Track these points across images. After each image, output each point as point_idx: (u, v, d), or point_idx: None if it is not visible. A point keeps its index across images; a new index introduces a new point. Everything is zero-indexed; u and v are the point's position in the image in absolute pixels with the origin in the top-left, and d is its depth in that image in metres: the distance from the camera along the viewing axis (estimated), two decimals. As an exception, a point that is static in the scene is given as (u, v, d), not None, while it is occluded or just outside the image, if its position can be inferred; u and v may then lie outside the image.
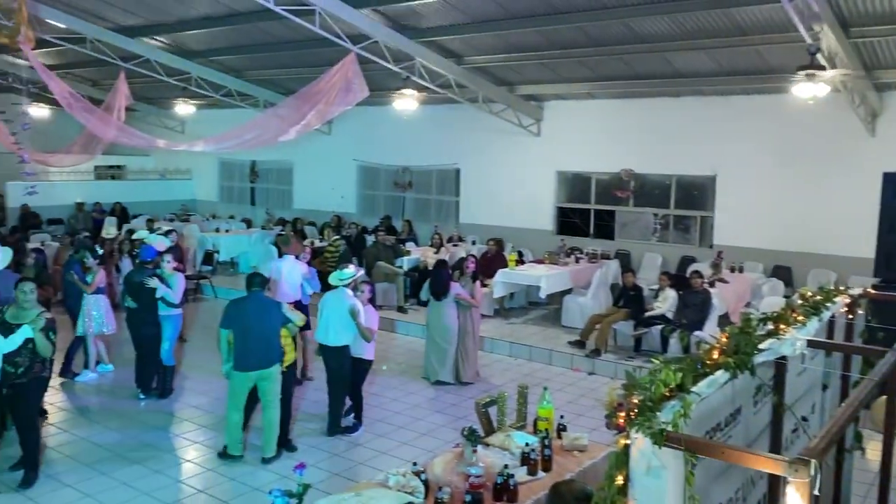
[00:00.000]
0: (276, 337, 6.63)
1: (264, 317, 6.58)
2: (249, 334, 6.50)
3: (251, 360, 6.50)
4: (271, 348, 6.58)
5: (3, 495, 5.96)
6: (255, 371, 6.53)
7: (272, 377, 6.60)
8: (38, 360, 6.06)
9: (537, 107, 14.77)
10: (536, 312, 12.45)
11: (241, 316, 6.58)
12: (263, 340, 6.53)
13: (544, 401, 5.44)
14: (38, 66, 10.16)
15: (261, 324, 6.53)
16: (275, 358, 6.60)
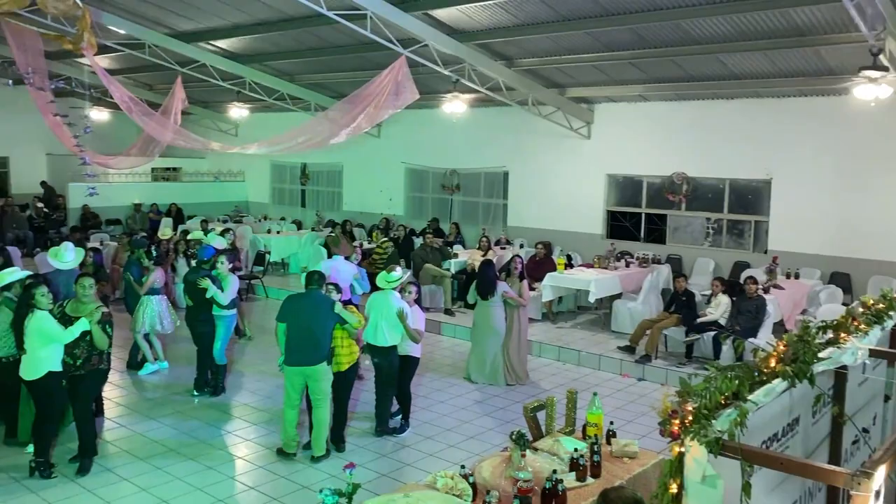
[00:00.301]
0: (324, 335, 6.68)
1: (315, 314, 6.66)
2: (299, 330, 6.62)
3: (297, 355, 6.62)
4: (318, 346, 6.63)
5: (62, 486, 6.15)
6: (301, 367, 6.62)
7: (318, 375, 6.66)
8: (96, 353, 6.27)
9: (588, 109, 14.64)
10: (585, 317, 12.33)
11: (294, 311, 6.73)
12: (311, 337, 6.60)
13: (594, 406, 5.38)
14: (100, 70, 10.48)
15: (311, 321, 6.62)
16: (320, 356, 6.63)
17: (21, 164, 21.56)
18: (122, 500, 5.98)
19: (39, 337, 6.06)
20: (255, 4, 12.23)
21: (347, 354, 6.95)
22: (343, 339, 6.90)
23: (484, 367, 9.04)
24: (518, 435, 4.67)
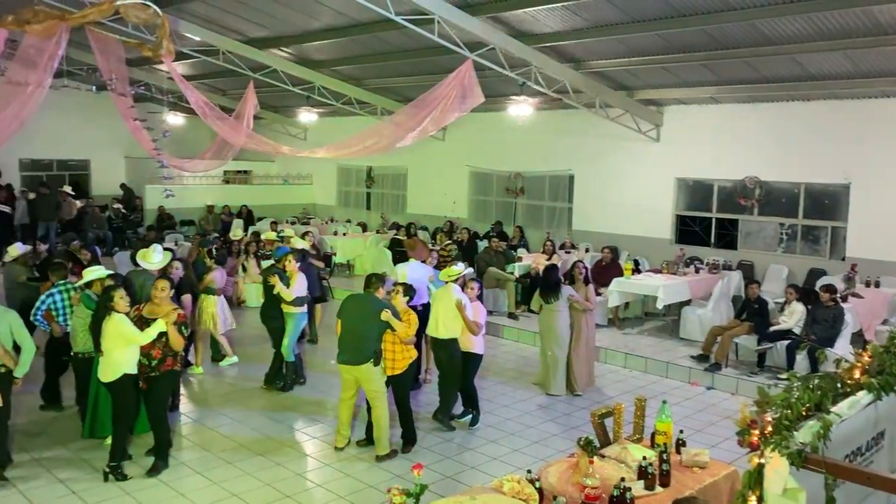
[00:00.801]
0: (367, 338, 6.73)
1: (362, 317, 6.78)
2: (347, 330, 6.82)
3: (344, 354, 6.82)
4: (361, 347, 6.72)
5: (138, 477, 6.38)
6: (347, 365, 6.79)
7: (365, 375, 6.76)
8: (171, 354, 6.44)
9: (657, 111, 14.39)
10: (652, 323, 12.11)
11: (346, 311, 6.95)
12: (356, 337, 6.74)
13: (663, 414, 5.27)
14: (178, 76, 10.85)
15: (359, 322, 6.76)
16: (363, 357, 6.71)
17: (101, 167, 22.50)
18: (195, 492, 6.17)
19: (116, 339, 6.17)
20: (324, 11, 12.47)
21: (402, 358, 6.96)
22: (395, 344, 6.92)
23: (553, 375, 8.94)
24: (586, 441, 4.62)
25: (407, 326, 6.85)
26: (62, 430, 7.39)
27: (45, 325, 7.63)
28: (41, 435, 7.27)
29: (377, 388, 6.83)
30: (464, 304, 7.45)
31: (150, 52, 9.97)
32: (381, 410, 6.85)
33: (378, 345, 6.80)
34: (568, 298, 8.79)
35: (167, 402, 6.78)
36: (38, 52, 9.04)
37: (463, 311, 7.42)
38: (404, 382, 7.12)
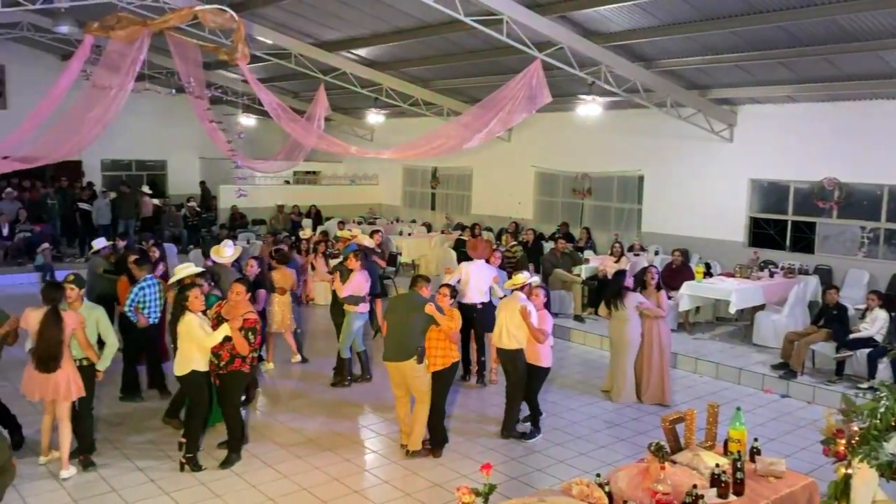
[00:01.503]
0: (413, 333, 6.77)
1: (408, 312, 6.88)
2: (393, 326, 6.94)
3: (388, 351, 6.93)
4: (402, 344, 6.79)
5: (210, 471, 6.56)
6: (391, 362, 6.88)
7: (409, 372, 6.79)
8: (239, 356, 6.54)
9: (730, 111, 14.00)
10: (724, 328, 11.79)
11: (393, 308, 7.14)
12: (401, 333, 6.82)
13: (737, 421, 5.14)
14: (252, 79, 11.10)
15: (404, 317, 6.87)
16: (408, 352, 6.74)
17: (177, 167, 23.32)
18: (266, 484, 6.32)
19: (186, 338, 6.44)
20: (393, 13, 12.60)
21: (442, 356, 6.91)
22: (438, 341, 6.90)
23: (617, 381, 8.78)
24: (657, 446, 4.54)
25: (449, 320, 6.86)
26: (141, 420, 7.69)
27: (135, 317, 8.05)
28: (121, 425, 7.57)
29: (420, 386, 6.85)
30: (529, 310, 7.31)
31: (225, 55, 10.22)
32: (423, 407, 6.90)
33: (422, 341, 6.81)
34: (637, 307, 8.54)
35: (237, 399, 6.91)
36: (122, 56, 9.37)
37: (528, 318, 7.27)
38: (444, 381, 7.03)
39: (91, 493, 6.08)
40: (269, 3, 12.55)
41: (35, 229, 16.27)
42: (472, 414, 8.24)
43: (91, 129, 9.53)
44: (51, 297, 6.21)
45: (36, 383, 6.18)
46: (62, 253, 16.77)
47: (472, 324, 9.11)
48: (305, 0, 12.42)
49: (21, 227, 16.14)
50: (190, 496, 6.08)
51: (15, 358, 7.18)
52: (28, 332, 6.23)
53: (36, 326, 6.09)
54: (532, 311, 7.35)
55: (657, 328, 8.68)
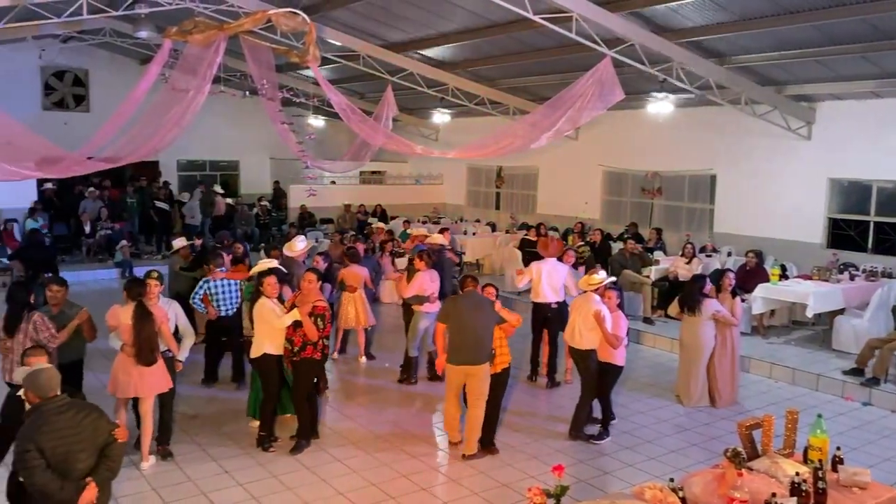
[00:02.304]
0: (487, 334, 6.75)
1: (477, 314, 6.75)
2: (464, 329, 6.73)
3: (461, 354, 6.73)
4: (482, 345, 6.71)
5: (284, 460, 6.72)
6: (465, 365, 6.72)
7: (481, 374, 6.72)
8: (310, 343, 6.72)
9: (808, 108, 13.51)
10: (800, 333, 11.38)
11: (456, 312, 6.85)
12: (476, 336, 6.70)
13: (818, 429, 4.95)
14: (322, 81, 11.31)
15: (476, 319, 6.72)
16: (485, 355, 6.72)
17: (249, 168, 23.93)
18: (336, 479, 6.41)
19: (259, 320, 6.80)
20: (461, 13, 12.62)
21: (503, 354, 6.95)
22: (501, 339, 6.92)
23: (688, 385, 8.57)
24: (734, 452, 4.41)
25: (517, 317, 6.91)
26: (217, 413, 7.92)
27: (203, 308, 8.43)
28: (196, 417, 7.81)
29: (485, 389, 6.77)
30: (603, 315, 7.18)
31: (297, 57, 10.44)
32: (480, 411, 6.79)
33: (491, 343, 6.80)
34: (713, 315, 8.28)
35: (307, 387, 7.00)
36: (198, 60, 9.69)
37: (602, 323, 7.16)
38: (503, 383, 7.04)
39: (168, 483, 6.29)
40: (339, 5, 12.75)
41: (115, 227, 16.96)
42: (541, 415, 8.18)
43: (169, 130, 9.88)
44: (136, 292, 6.49)
45: (132, 380, 6.40)
46: (140, 250, 17.44)
47: (546, 323, 9.05)
48: (374, 2, 12.57)
49: (102, 225, 16.83)
50: (262, 487, 6.22)
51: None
52: (118, 330, 6.44)
53: (128, 322, 6.33)
54: (606, 315, 7.22)
55: (730, 333, 8.48)
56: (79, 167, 10.27)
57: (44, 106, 20.44)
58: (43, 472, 3.77)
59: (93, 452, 4.01)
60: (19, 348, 5.99)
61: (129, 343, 6.34)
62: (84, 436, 3.96)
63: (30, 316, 6.15)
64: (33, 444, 3.79)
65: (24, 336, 6.06)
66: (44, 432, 3.84)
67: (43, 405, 3.93)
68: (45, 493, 3.83)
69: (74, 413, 4.00)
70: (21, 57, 18.94)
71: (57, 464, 3.84)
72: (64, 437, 3.88)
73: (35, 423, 3.87)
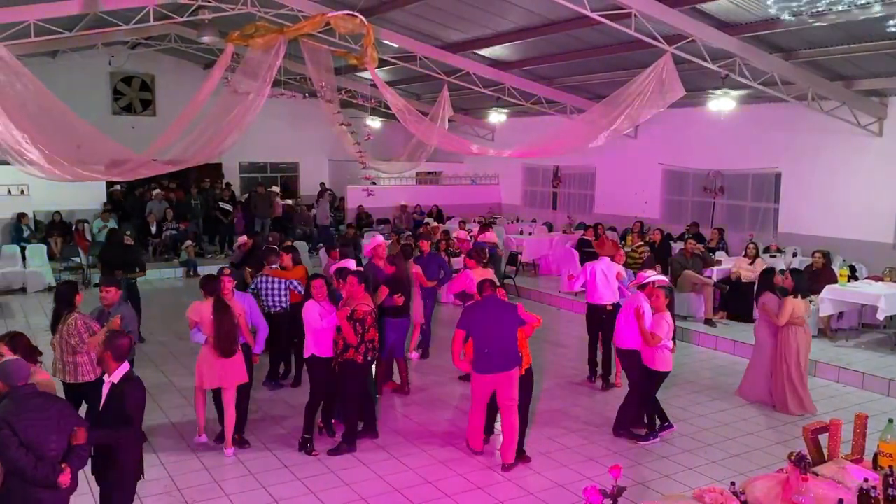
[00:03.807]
0: (512, 340, 6.56)
1: (500, 319, 6.57)
2: (489, 335, 6.53)
3: (491, 360, 6.52)
4: (510, 349, 6.54)
5: (340, 460, 6.78)
6: (495, 373, 6.53)
7: (511, 381, 6.55)
8: (351, 346, 6.72)
9: (880, 103, 12.98)
10: (870, 336, 10.96)
11: (479, 319, 6.62)
12: (503, 341, 6.52)
13: (889, 434, 4.76)
14: (380, 82, 11.42)
15: (500, 324, 6.54)
16: (516, 360, 6.56)
17: (308, 169, 24.34)
18: (392, 475, 6.47)
19: (305, 322, 6.92)
20: (518, 11, 12.57)
21: (526, 355, 6.79)
22: (521, 342, 6.73)
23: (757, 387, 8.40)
24: (798, 456, 4.28)
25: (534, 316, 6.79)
26: (278, 410, 8.08)
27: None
28: (257, 412, 7.97)
29: (516, 394, 6.59)
30: (642, 312, 7.15)
31: (355, 59, 10.56)
32: (515, 418, 6.60)
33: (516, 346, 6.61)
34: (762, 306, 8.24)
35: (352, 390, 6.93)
36: (259, 63, 9.89)
37: (641, 319, 7.13)
38: (526, 386, 6.82)
39: (230, 476, 6.46)
40: (395, 7, 12.85)
41: (180, 227, 17.47)
42: (597, 417, 8.09)
43: (231, 133, 10.11)
44: (211, 288, 6.77)
45: (216, 371, 6.70)
46: (204, 250, 17.91)
47: (602, 325, 8.97)
48: (431, 3, 12.63)
49: (168, 225, 17.37)
50: (320, 482, 6.32)
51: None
52: (199, 325, 6.72)
53: (209, 317, 6.61)
54: (647, 312, 7.17)
55: (784, 335, 8.21)
56: (145, 169, 10.60)
57: (113, 110, 21.23)
58: (17, 449, 3.99)
59: (62, 438, 4.20)
60: (58, 348, 6.22)
61: (211, 336, 6.59)
62: (52, 422, 4.16)
63: (67, 317, 6.25)
64: (6, 424, 4.01)
65: (61, 336, 6.21)
66: (15, 414, 4.07)
67: (12, 392, 4.17)
68: (19, 469, 4.02)
69: (43, 401, 4.24)
70: (92, 63, 19.73)
71: (28, 444, 4.04)
72: (33, 420, 4.10)
73: (6, 406, 4.10)
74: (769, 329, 8.37)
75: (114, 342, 4.62)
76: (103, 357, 4.60)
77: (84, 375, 6.24)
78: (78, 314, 6.30)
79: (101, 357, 4.65)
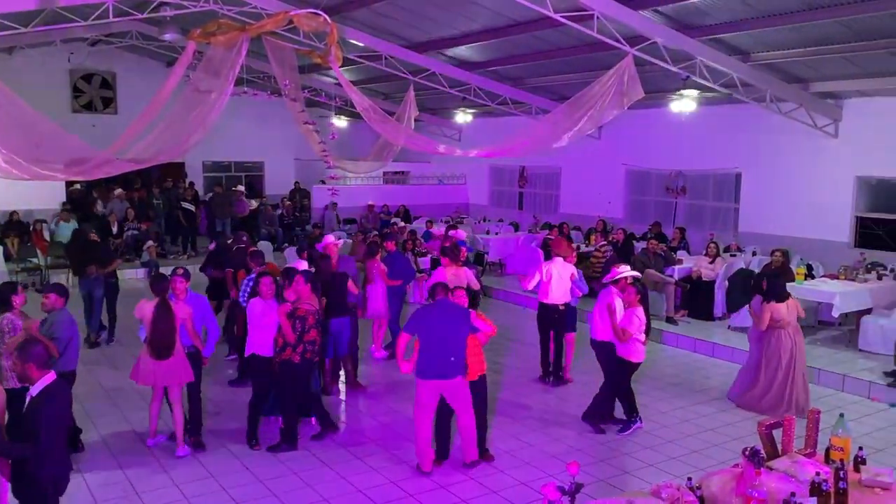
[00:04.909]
0: (459, 346, 6.35)
1: (448, 324, 6.32)
2: (435, 340, 6.32)
3: (433, 367, 6.31)
4: (452, 359, 6.28)
5: (300, 462, 6.75)
6: (437, 380, 6.34)
7: (453, 389, 6.38)
8: (289, 346, 6.73)
9: (835, 105, 13.31)
10: (825, 332, 11.22)
11: (426, 323, 6.41)
12: (446, 349, 6.28)
13: (840, 429, 4.89)
14: (345, 81, 11.35)
15: (447, 330, 6.31)
16: (460, 368, 6.34)
17: (273, 168, 24.13)
18: (356, 476, 6.45)
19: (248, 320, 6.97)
20: (483, 12, 12.62)
21: (474, 364, 6.53)
22: (475, 347, 6.53)
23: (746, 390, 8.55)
24: (752, 451, 4.37)
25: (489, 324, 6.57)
26: (239, 410, 7.97)
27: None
28: (220, 414, 7.90)
29: (464, 399, 6.42)
30: (614, 308, 7.34)
31: (319, 58, 10.48)
32: (469, 418, 6.46)
33: (463, 353, 6.37)
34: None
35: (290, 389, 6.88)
36: (222, 61, 9.76)
37: (612, 315, 7.32)
38: (479, 392, 6.60)
39: (190, 478, 6.37)
40: (360, 6, 12.81)
41: (142, 228, 17.19)
42: (560, 414, 8.16)
43: (194, 132, 9.96)
44: (160, 288, 6.64)
45: (149, 370, 6.60)
46: (166, 250, 17.65)
47: (553, 324, 9.03)
48: (396, 2, 12.61)
49: (129, 225, 17.07)
50: (282, 484, 6.28)
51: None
52: (143, 322, 6.65)
53: (150, 317, 6.52)
54: (618, 307, 7.37)
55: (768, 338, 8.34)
56: (107, 168, 10.39)
57: (72, 108, 20.80)
58: None
59: None
60: None
61: (148, 335, 6.53)
62: None
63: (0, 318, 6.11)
64: None
65: None
66: None
67: None
68: None
69: None
70: (51, 60, 19.33)
71: None
72: None
73: None
74: (756, 332, 8.46)
75: (28, 351, 4.29)
76: (24, 369, 4.28)
77: (9, 381, 5.81)
78: (10, 314, 6.15)
79: (21, 370, 4.33)
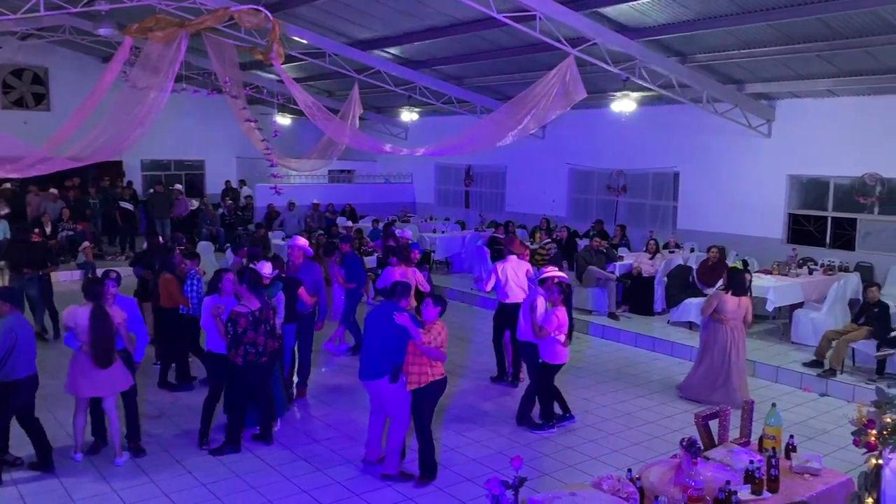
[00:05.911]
0: (387, 349, 6.13)
1: (384, 329, 6.16)
2: (369, 340, 6.35)
3: (364, 369, 6.32)
4: (379, 359, 6.16)
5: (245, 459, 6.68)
6: (366, 381, 6.33)
7: (380, 391, 6.26)
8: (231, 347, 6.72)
9: (768, 106, 13.77)
10: (761, 326, 11.57)
11: (368, 324, 6.39)
12: (374, 349, 6.23)
13: (772, 418, 5.08)
14: (287, 79, 11.23)
15: (379, 334, 6.22)
16: (381, 371, 6.14)
17: (215, 167, 23.68)
18: (300, 477, 6.41)
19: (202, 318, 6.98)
20: (426, 11, 12.64)
21: (419, 372, 6.14)
22: (415, 356, 6.12)
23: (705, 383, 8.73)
24: (689, 442, 4.51)
25: (426, 333, 6.01)
26: (179, 413, 7.85)
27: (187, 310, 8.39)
28: (160, 417, 7.75)
29: (395, 406, 6.24)
30: (535, 305, 7.41)
31: (261, 55, 10.33)
32: (397, 432, 6.30)
33: (398, 358, 6.12)
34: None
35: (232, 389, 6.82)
36: (160, 58, 9.53)
37: (532, 312, 7.39)
38: (428, 401, 6.27)
39: (130, 484, 6.22)
40: (303, 2, 12.67)
41: (77, 228, 16.66)
42: (506, 411, 8.23)
43: (132, 129, 9.71)
44: (93, 292, 6.36)
45: (94, 380, 6.35)
46: (103, 251, 17.16)
47: (511, 324, 8.87)
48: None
49: (64, 225, 16.52)
50: (225, 487, 6.18)
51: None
52: (74, 330, 6.32)
53: (85, 323, 6.22)
54: (540, 306, 7.41)
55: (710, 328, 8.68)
56: (42, 165, 10.06)
57: (2, 105, 20.04)
58: None
59: None
60: None
61: (86, 344, 6.27)
62: None
63: None
64: None
65: None
66: None
67: None
68: None
69: None
70: (-23, 54, 18.59)
71: None
72: None
73: None
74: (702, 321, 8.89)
75: None
76: None
77: None
78: None
79: None
